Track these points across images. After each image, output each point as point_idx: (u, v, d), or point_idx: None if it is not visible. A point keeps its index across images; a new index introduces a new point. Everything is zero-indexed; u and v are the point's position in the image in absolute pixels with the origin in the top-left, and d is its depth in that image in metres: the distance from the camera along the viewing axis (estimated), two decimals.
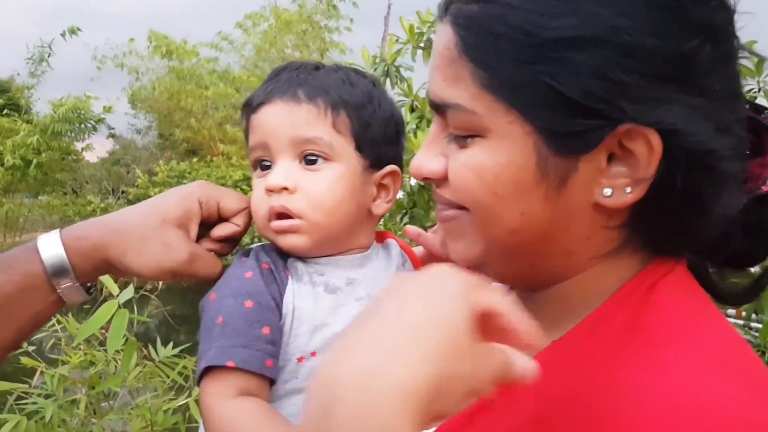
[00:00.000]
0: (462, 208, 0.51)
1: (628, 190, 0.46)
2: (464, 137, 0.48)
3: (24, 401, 1.91)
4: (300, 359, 0.62)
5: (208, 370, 0.58)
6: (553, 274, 0.52)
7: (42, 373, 1.98)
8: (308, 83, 0.64)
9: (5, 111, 11.51)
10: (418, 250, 0.77)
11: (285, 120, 0.63)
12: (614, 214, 0.48)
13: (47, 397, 1.91)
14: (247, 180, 10.90)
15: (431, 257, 0.75)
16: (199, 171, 11.37)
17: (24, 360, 1.95)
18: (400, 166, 0.70)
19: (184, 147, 15.02)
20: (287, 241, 0.64)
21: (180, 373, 2.08)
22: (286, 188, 0.63)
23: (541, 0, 0.44)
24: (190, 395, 2.14)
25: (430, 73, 0.51)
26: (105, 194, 14.59)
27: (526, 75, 0.44)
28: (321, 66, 0.68)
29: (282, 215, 0.63)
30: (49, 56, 11.41)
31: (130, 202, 11.70)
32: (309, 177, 0.63)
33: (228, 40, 13.89)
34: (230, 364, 0.57)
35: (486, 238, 0.50)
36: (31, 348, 1.97)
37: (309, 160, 0.63)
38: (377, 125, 0.66)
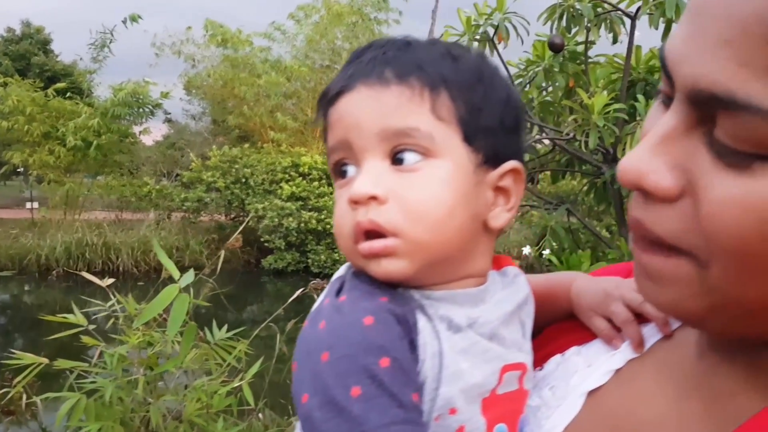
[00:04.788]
0: (680, 249, 0.37)
1: None
2: (752, 156, 0.33)
3: (83, 380, 1.92)
4: (437, 418, 0.47)
5: None
6: None
7: (101, 352, 1.99)
8: (398, 60, 0.50)
9: (68, 94, 12.04)
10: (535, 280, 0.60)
11: (370, 109, 0.49)
12: None
13: (105, 376, 1.92)
14: (296, 167, 10.99)
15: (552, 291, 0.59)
16: (250, 157, 11.55)
17: (84, 338, 1.96)
18: (522, 163, 0.53)
19: (236, 133, 15.35)
20: (381, 269, 0.48)
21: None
22: (375, 197, 0.47)
23: None
24: (242, 378, 2.12)
25: (688, 43, 0.35)
26: (159, 176, 15.10)
27: None
28: (413, 41, 0.53)
29: (372, 233, 0.48)
30: (110, 42, 11.86)
31: (183, 185, 12.05)
32: (405, 180, 0.48)
33: (281, 30, 14.08)
34: None
35: (729, 296, 0.36)
36: (91, 327, 1.98)
37: (403, 158, 0.48)
38: (490, 109, 0.51)
